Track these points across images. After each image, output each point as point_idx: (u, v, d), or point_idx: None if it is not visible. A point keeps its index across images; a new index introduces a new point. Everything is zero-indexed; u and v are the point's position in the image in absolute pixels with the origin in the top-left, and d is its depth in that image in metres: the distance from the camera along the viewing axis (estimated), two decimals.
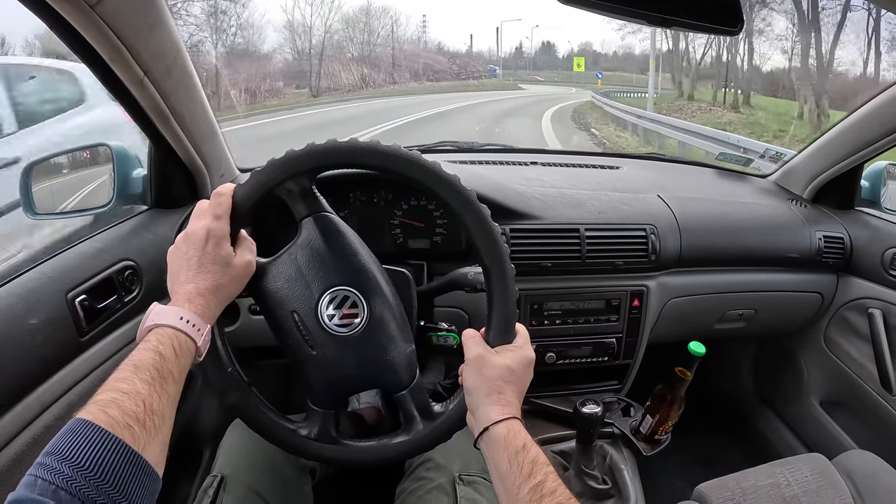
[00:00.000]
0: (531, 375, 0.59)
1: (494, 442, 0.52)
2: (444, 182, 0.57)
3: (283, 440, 0.62)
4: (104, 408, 0.41)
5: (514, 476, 0.49)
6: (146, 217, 0.94)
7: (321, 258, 0.59)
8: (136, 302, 0.84)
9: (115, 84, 0.74)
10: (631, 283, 0.99)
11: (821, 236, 1.11)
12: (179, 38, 0.78)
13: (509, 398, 0.55)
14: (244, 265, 0.58)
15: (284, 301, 0.59)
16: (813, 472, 0.79)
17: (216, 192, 0.58)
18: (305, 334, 0.59)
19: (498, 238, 0.58)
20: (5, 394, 0.62)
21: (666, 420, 0.96)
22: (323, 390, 0.62)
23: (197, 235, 0.56)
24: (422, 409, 0.62)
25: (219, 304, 0.55)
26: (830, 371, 1.18)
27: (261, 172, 0.58)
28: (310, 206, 0.60)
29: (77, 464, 0.37)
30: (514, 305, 0.58)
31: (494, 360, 0.57)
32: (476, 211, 0.57)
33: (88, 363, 0.74)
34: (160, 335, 0.49)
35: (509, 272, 0.58)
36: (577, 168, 1.18)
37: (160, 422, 0.44)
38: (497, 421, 0.53)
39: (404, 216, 0.95)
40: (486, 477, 0.77)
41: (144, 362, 0.46)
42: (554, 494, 0.47)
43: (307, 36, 18.31)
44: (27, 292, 0.68)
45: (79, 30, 0.62)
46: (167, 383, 0.46)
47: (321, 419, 0.62)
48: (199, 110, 0.88)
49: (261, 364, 0.99)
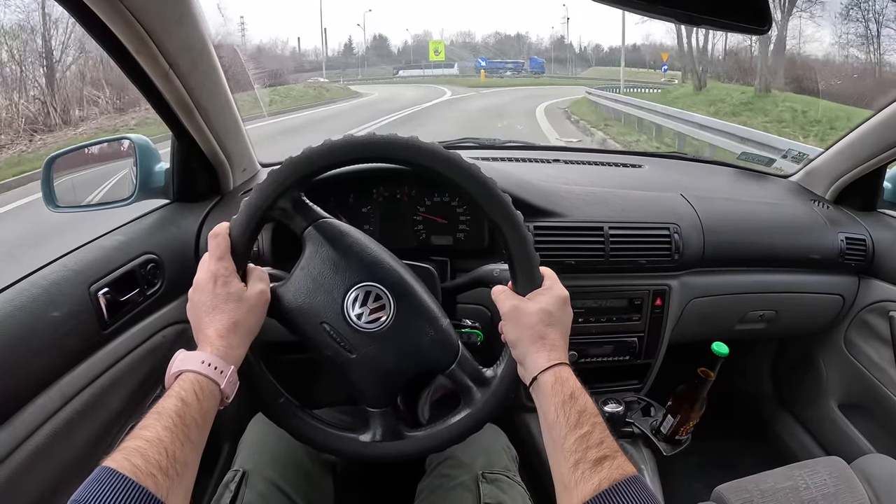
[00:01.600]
0: (570, 313, 0.59)
1: (543, 391, 0.52)
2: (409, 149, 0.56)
3: (351, 451, 0.62)
4: (128, 456, 0.42)
5: (560, 426, 0.49)
6: (169, 211, 0.94)
7: (333, 263, 0.59)
8: (158, 295, 0.84)
9: (140, 77, 0.74)
10: (654, 282, 0.98)
11: (843, 238, 1.10)
12: (207, 33, 0.78)
13: (553, 340, 0.55)
14: (257, 295, 0.57)
15: (310, 315, 0.59)
16: (831, 476, 0.78)
17: (212, 235, 0.58)
18: (340, 341, 0.58)
19: (496, 189, 0.57)
20: (28, 385, 0.62)
21: (687, 420, 0.95)
22: (374, 390, 0.61)
23: (204, 281, 0.56)
24: (475, 378, 0.61)
25: (241, 341, 0.55)
26: (850, 374, 1.18)
27: (250, 200, 0.58)
28: (306, 217, 0.60)
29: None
30: (533, 249, 0.58)
31: (529, 307, 0.56)
32: (462, 166, 0.57)
33: (110, 356, 0.75)
34: (183, 381, 0.49)
35: (518, 219, 0.58)
36: (599, 166, 1.18)
37: (182, 469, 0.44)
38: (545, 369, 0.52)
39: (427, 212, 0.94)
40: (510, 475, 0.76)
41: (167, 409, 0.46)
42: (601, 446, 0.47)
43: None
44: (50, 284, 0.68)
45: (106, 22, 0.62)
46: (190, 430, 0.46)
47: (381, 419, 0.61)
48: (224, 104, 0.88)
49: (283, 359, 0.99)
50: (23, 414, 0.60)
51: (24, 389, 0.61)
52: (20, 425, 0.60)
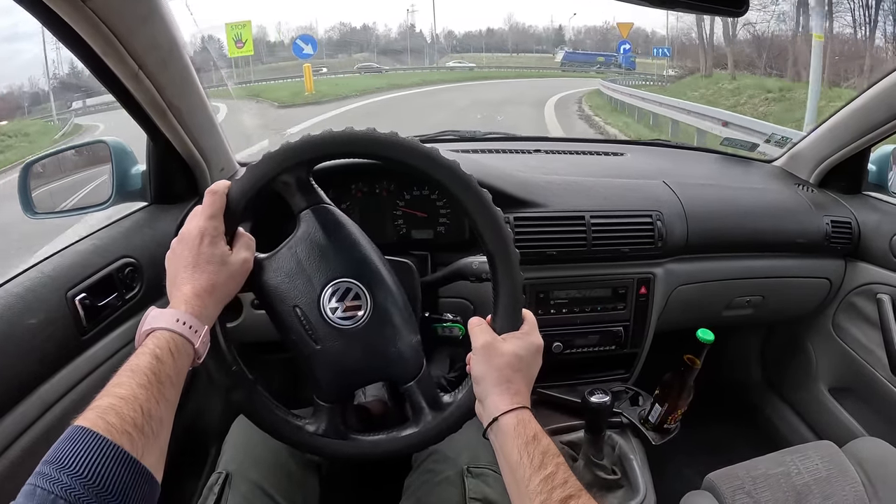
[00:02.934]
0: (540, 363, 0.59)
1: (504, 432, 0.52)
2: (444, 168, 0.56)
3: (290, 437, 0.61)
4: (102, 414, 0.41)
5: (524, 467, 0.49)
6: (146, 213, 0.93)
7: (321, 251, 0.59)
8: (137, 299, 0.83)
9: (109, 78, 0.74)
10: (638, 270, 0.98)
11: (828, 221, 1.10)
12: (176, 31, 0.77)
13: (518, 387, 0.54)
14: (241, 263, 0.57)
15: (286, 296, 0.58)
16: (823, 460, 0.78)
17: (210, 191, 0.57)
18: (308, 329, 0.58)
19: (501, 222, 0.57)
20: (6, 395, 0.61)
21: (675, 409, 0.95)
22: (329, 385, 0.61)
23: (191, 236, 0.55)
24: (430, 400, 0.61)
25: (216, 303, 0.55)
26: (839, 357, 1.17)
27: (256, 166, 0.57)
28: (308, 198, 0.60)
29: (76, 472, 0.37)
30: (521, 291, 0.57)
31: (502, 347, 0.56)
32: (477, 195, 0.56)
33: (90, 362, 0.74)
34: (157, 339, 0.48)
35: (514, 257, 0.57)
36: (580, 155, 1.17)
37: (158, 427, 0.43)
38: (507, 411, 0.52)
39: (407, 206, 0.94)
40: (495, 469, 0.76)
41: (141, 367, 0.45)
42: (565, 486, 0.47)
43: None
44: (26, 291, 0.68)
45: (70, 23, 0.61)
46: (165, 387, 0.46)
47: (328, 414, 0.61)
48: (197, 103, 0.87)
49: (266, 359, 0.98)
50: (2, 424, 0.60)
51: (3, 399, 0.60)
52: (0, 436, 0.59)
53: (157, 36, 0.74)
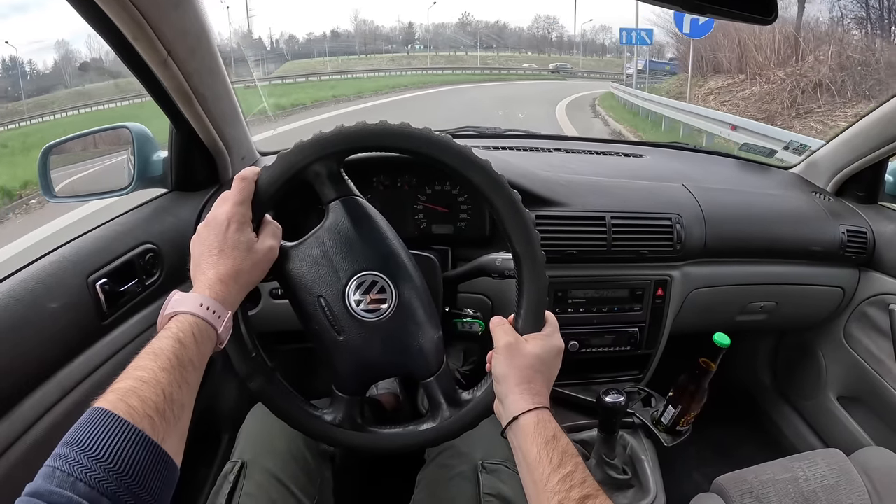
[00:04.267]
0: (559, 365, 0.59)
1: (524, 431, 0.52)
2: (476, 167, 0.56)
3: (308, 426, 0.62)
4: (123, 397, 0.40)
5: (543, 466, 0.49)
6: (167, 200, 0.93)
7: (349, 242, 0.58)
8: (157, 285, 0.83)
9: (137, 64, 0.73)
10: (655, 272, 0.98)
11: (844, 230, 1.10)
12: (205, 18, 0.77)
13: (539, 388, 0.55)
14: (266, 250, 0.56)
15: (311, 285, 0.58)
16: (830, 468, 0.78)
17: (239, 176, 0.57)
18: (332, 319, 0.58)
19: (530, 225, 0.57)
20: (26, 379, 0.61)
21: (688, 411, 0.95)
22: (349, 376, 0.61)
23: (217, 221, 0.55)
24: (448, 397, 0.61)
25: (240, 290, 0.54)
26: (849, 366, 1.18)
27: (288, 154, 0.57)
28: (338, 189, 0.59)
29: (96, 455, 0.37)
30: (545, 293, 0.58)
31: (525, 349, 0.56)
32: (508, 196, 0.56)
33: (109, 347, 0.74)
34: (180, 322, 0.48)
35: (540, 259, 0.57)
36: (601, 155, 1.17)
37: (179, 412, 0.43)
38: (527, 410, 0.52)
39: (428, 201, 0.94)
40: (510, 465, 0.76)
41: (164, 350, 0.45)
42: (583, 485, 0.47)
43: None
44: (48, 276, 0.68)
45: (102, 7, 0.61)
46: (187, 372, 0.45)
47: (346, 405, 0.61)
48: (223, 92, 0.87)
49: (282, 349, 0.99)
50: (21, 407, 0.60)
51: (23, 383, 0.61)
52: (18, 419, 0.59)
53: (186, 22, 0.73)
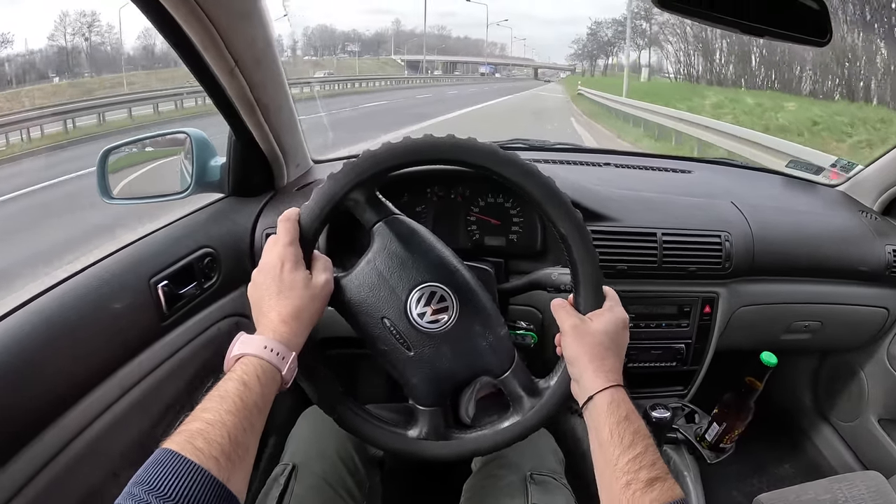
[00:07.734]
0: (628, 336, 0.60)
1: (598, 410, 0.53)
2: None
3: (396, 446, 0.62)
4: (190, 438, 0.42)
5: (614, 446, 0.49)
6: (225, 205, 0.95)
7: (400, 260, 0.59)
8: (214, 289, 0.85)
9: (204, 73, 0.75)
10: (703, 289, 0.98)
11: (890, 250, 1.08)
12: (271, 30, 0.79)
13: (611, 364, 0.55)
14: (323, 284, 0.57)
15: (372, 309, 0.59)
16: (870, 490, 0.78)
17: (283, 218, 0.58)
18: (399, 337, 0.59)
19: (569, 204, 0.58)
20: (89, 376, 0.63)
21: (733, 429, 0.95)
22: (427, 389, 0.62)
23: (271, 264, 0.56)
24: (527, 388, 0.62)
25: (304, 328, 0.55)
26: (892, 388, 1.16)
27: (324, 188, 0.58)
28: (378, 211, 0.61)
29: (164, 494, 0.38)
30: (599, 269, 0.59)
31: (591, 327, 0.57)
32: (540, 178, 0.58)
33: (167, 348, 0.76)
34: (245, 365, 0.49)
35: (588, 235, 0.58)
36: (650, 171, 1.17)
37: (244, 453, 0.44)
38: (602, 389, 0.53)
39: (481, 213, 0.95)
40: (556, 477, 0.77)
41: (230, 392, 0.46)
42: (653, 467, 0.48)
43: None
44: (112, 277, 0.70)
45: (176, 17, 0.63)
46: (251, 414, 0.46)
47: (430, 418, 0.62)
48: (284, 101, 0.89)
49: (329, 354, 1.00)
50: (82, 404, 0.61)
51: (84, 380, 0.63)
52: (79, 415, 0.61)
53: (254, 33, 0.75)
